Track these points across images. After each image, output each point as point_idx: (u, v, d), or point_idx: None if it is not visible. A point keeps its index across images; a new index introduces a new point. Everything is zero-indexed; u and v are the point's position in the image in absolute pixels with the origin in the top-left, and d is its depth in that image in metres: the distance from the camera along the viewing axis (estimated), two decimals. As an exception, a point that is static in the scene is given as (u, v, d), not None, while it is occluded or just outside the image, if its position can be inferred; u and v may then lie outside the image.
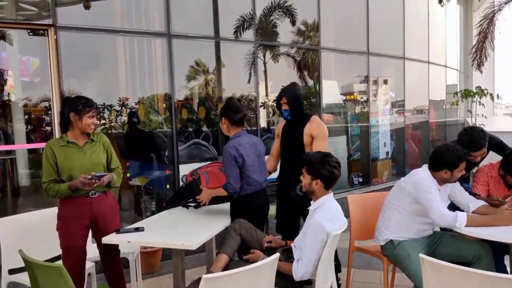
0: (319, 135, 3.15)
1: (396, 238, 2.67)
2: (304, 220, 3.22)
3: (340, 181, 2.55)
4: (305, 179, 2.49)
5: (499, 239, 2.42)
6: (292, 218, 3.27)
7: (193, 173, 3.11)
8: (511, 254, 2.59)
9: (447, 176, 2.58)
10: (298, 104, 3.23)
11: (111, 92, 5.19)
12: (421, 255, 1.86)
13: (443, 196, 2.67)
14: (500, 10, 7.89)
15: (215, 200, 2.97)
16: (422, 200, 2.54)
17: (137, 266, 3.25)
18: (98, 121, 2.75)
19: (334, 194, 2.52)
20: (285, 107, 3.21)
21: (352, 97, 7.16)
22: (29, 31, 3.73)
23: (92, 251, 2.94)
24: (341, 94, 6.94)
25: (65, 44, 3.81)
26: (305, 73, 6.45)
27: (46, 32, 3.71)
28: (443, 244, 2.73)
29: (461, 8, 11.04)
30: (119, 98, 5.27)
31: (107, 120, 5.16)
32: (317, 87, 6.21)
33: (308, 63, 6.39)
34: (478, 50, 8.16)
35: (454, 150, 2.56)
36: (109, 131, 5.23)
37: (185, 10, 4.81)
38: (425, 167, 2.69)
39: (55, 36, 3.70)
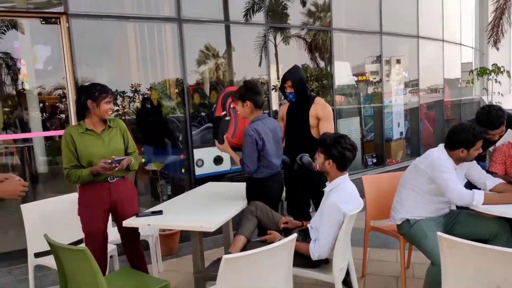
0: (325, 116, 3.23)
1: (412, 217, 2.69)
2: (314, 200, 3.28)
3: (354, 162, 2.56)
4: (320, 158, 2.51)
5: (517, 217, 2.42)
6: (301, 198, 3.32)
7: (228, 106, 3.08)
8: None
9: (463, 155, 2.57)
10: (302, 86, 3.26)
11: (123, 78, 5.22)
12: (439, 233, 1.88)
13: (459, 175, 2.66)
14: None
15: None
16: (438, 180, 2.53)
17: (157, 248, 3.33)
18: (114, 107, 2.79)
19: (348, 175, 2.54)
20: (289, 90, 3.26)
21: (364, 77, 7.09)
22: (41, 19, 3.75)
23: (114, 234, 3.03)
24: (353, 75, 6.86)
25: (77, 32, 3.83)
26: (317, 54, 6.39)
27: (58, 20, 3.74)
28: (460, 222, 2.73)
29: (477, -17, 10.74)
30: (131, 84, 5.30)
31: (120, 106, 5.21)
32: (329, 69, 6.16)
33: (319, 45, 6.32)
34: (495, 27, 7.96)
35: (470, 129, 2.54)
36: (123, 117, 5.28)
37: (194, -6, 4.78)
38: (441, 146, 2.67)
39: (67, 24, 3.73)
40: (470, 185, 2.79)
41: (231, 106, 3.03)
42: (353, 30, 6.30)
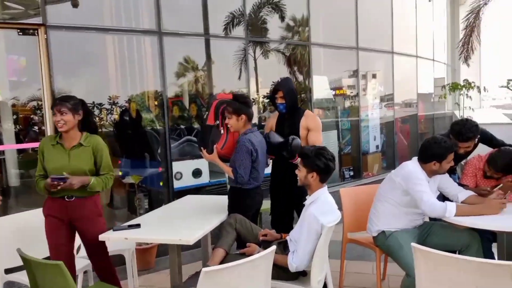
0: (315, 128, 3.31)
1: (387, 229, 2.75)
2: (299, 214, 3.31)
3: (332, 175, 2.61)
4: (301, 172, 2.54)
5: (487, 227, 2.51)
6: (286, 211, 3.35)
7: (220, 114, 3.02)
8: (498, 241, 2.68)
9: (436, 168, 2.66)
10: (293, 98, 3.32)
11: (101, 90, 5.18)
12: (413, 244, 1.94)
13: (432, 187, 2.75)
14: (486, 4, 8.02)
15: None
16: (412, 192, 2.61)
17: (133, 263, 3.27)
18: (63, 119, 2.57)
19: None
20: (280, 100, 3.30)
21: (341, 91, 7.24)
22: (18, 30, 3.70)
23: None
24: (331, 89, 7.01)
25: (55, 43, 3.80)
26: (295, 68, 6.51)
27: (36, 31, 3.69)
28: (433, 233, 2.81)
29: (448, 2, 11.18)
30: (109, 96, 5.25)
31: (97, 118, 5.14)
32: (307, 82, 6.27)
33: (298, 59, 6.44)
34: (465, 44, 8.31)
35: (442, 142, 2.64)
36: (100, 130, 5.21)
37: (175, 8, 4.82)
38: (414, 159, 2.76)
39: (45, 35, 3.69)
40: (443, 198, 2.89)
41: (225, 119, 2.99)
42: (330, 45, 6.46)
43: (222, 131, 3.01)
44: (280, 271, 2.42)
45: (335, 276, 3.11)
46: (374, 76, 7.91)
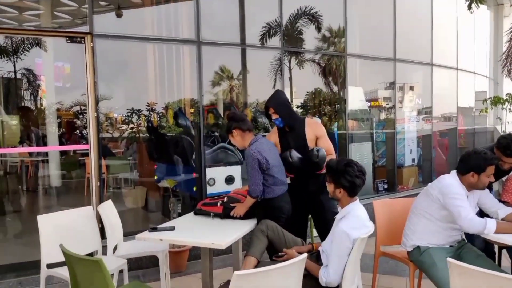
0: (323, 134, 3.31)
1: (423, 244, 2.69)
2: (314, 216, 3.34)
3: (365, 187, 2.58)
4: (329, 186, 2.53)
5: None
6: (301, 218, 3.35)
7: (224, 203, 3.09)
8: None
9: (474, 180, 2.58)
10: (286, 109, 3.29)
11: (140, 97, 5.38)
12: (449, 259, 1.89)
13: (472, 202, 2.67)
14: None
15: (250, 211, 2.99)
16: (450, 206, 2.55)
17: (166, 265, 3.36)
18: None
19: (359, 200, 2.55)
20: (274, 116, 3.28)
21: (377, 103, 7.15)
22: (67, 38, 3.93)
23: (125, 248, 3.08)
24: (367, 100, 6.94)
25: (100, 51, 4.00)
26: (330, 79, 6.50)
27: (83, 39, 3.91)
28: (466, 259, 2.68)
29: (492, 13, 10.85)
30: (148, 103, 5.45)
31: (135, 124, 5.35)
32: (342, 93, 6.25)
33: (333, 69, 6.44)
34: (509, 57, 8.00)
35: (482, 153, 2.57)
36: (137, 135, 5.41)
37: (214, 18, 4.96)
38: (453, 173, 2.69)
39: (91, 43, 3.90)
40: (482, 214, 2.79)
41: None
42: (367, 56, 6.41)
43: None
44: (311, 282, 2.42)
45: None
46: (411, 88, 7.75)
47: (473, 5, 6.18)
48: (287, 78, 5.95)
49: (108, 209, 3.32)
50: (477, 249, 2.76)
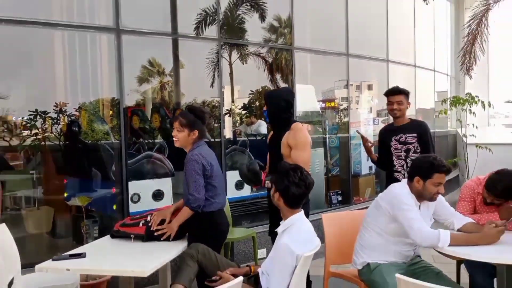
0: (295, 145, 3.24)
1: (373, 261, 2.81)
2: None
3: (317, 200, 2.66)
4: (273, 189, 2.61)
5: (484, 260, 2.59)
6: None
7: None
8: (498, 275, 2.77)
9: (419, 187, 2.71)
10: (275, 105, 3.38)
11: (45, 96, 5.15)
12: (397, 275, 2.00)
13: (426, 214, 2.83)
14: (489, 9, 8.34)
15: (182, 230, 2.98)
16: (400, 219, 2.67)
17: (76, 302, 3.23)
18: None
19: (310, 214, 2.62)
20: (266, 108, 3.45)
21: (332, 104, 7.35)
22: None
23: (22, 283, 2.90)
24: (320, 100, 7.13)
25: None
26: (278, 76, 6.61)
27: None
28: (423, 276, 2.81)
29: (452, 5, 11.49)
30: (56, 103, 5.22)
31: (39, 129, 5.08)
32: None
33: (281, 65, 6.55)
34: (467, 53, 8.59)
35: (431, 158, 2.73)
36: (43, 143, 5.16)
37: (136, 1, 4.89)
38: (404, 181, 2.85)
39: (-21, 29, 3.69)
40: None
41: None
42: (316, 50, 6.60)
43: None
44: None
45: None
46: (369, 87, 8.07)
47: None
48: (227, 74, 5.99)
49: (1, 236, 3.14)
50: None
